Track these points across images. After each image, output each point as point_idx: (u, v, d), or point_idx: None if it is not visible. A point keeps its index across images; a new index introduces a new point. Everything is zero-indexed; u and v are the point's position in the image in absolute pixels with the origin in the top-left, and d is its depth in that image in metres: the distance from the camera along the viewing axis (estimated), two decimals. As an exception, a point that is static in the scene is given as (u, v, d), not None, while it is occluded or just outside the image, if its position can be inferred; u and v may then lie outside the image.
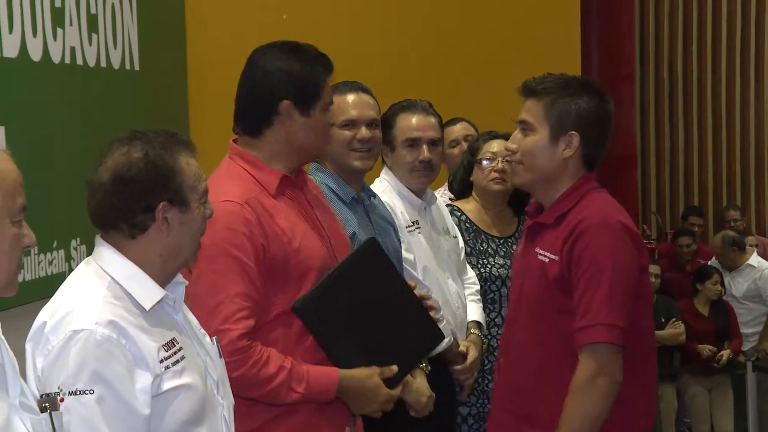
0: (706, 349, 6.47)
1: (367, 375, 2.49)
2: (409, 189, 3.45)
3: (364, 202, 3.17)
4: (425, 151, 3.41)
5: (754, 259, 7.12)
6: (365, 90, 3.19)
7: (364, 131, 3.09)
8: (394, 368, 2.54)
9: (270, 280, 2.43)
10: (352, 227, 3.02)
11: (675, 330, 6.40)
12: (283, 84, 2.52)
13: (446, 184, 4.31)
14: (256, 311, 2.41)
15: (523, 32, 6.09)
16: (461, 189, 3.92)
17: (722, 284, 6.74)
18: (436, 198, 3.63)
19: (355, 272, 2.54)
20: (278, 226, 2.46)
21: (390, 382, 2.54)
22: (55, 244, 3.37)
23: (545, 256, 2.58)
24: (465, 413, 3.64)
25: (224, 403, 2.07)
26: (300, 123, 2.53)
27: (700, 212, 8.52)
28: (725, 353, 6.42)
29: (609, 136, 2.67)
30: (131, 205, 1.94)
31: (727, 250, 7.24)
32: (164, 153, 1.96)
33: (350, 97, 3.12)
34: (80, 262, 2.08)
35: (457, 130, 4.38)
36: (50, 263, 3.33)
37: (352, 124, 3.09)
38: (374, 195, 3.27)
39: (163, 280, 2.00)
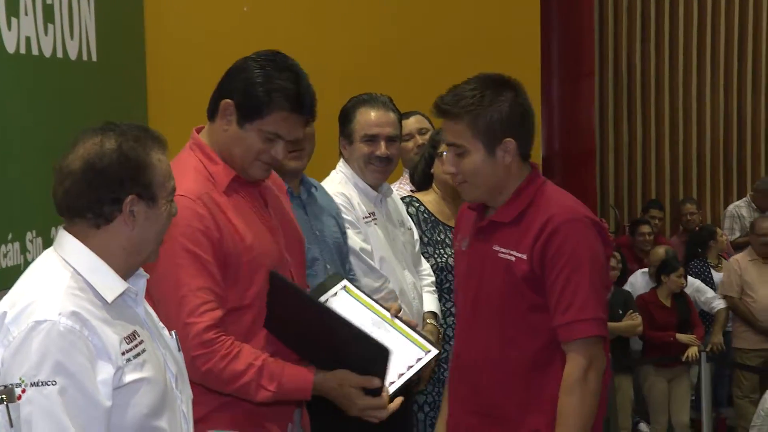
0: (686, 339, 6.55)
1: (339, 383, 2.43)
2: (364, 182, 3.47)
3: (301, 196, 3.17)
4: (383, 147, 3.45)
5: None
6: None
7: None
8: (376, 381, 2.44)
9: (223, 275, 2.43)
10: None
11: (632, 321, 6.47)
12: (236, 86, 2.50)
13: (402, 177, 4.33)
14: (221, 303, 2.41)
15: (483, 28, 6.11)
16: (422, 181, 3.95)
17: (685, 278, 6.83)
18: (392, 191, 3.66)
19: (271, 308, 2.49)
20: (230, 222, 2.46)
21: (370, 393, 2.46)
22: (10, 237, 3.33)
23: (509, 254, 2.57)
24: (421, 401, 3.68)
25: (182, 397, 2.08)
26: (232, 128, 2.51)
27: (660, 206, 8.65)
28: (692, 350, 6.50)
29: (534, 123, 2.67)
30: (99, 195, 1.94)
31: None
32: (137, 147, 1.96)
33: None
34: (36, 254, 2.07)
35: (411, 123, 4.39)
36: (5, 256, 3.28)
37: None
38: (315, 187, 3.28)
39: (125, 274, 2.00)
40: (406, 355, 2.51)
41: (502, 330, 2.60)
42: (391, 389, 2.44)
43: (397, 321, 2.64)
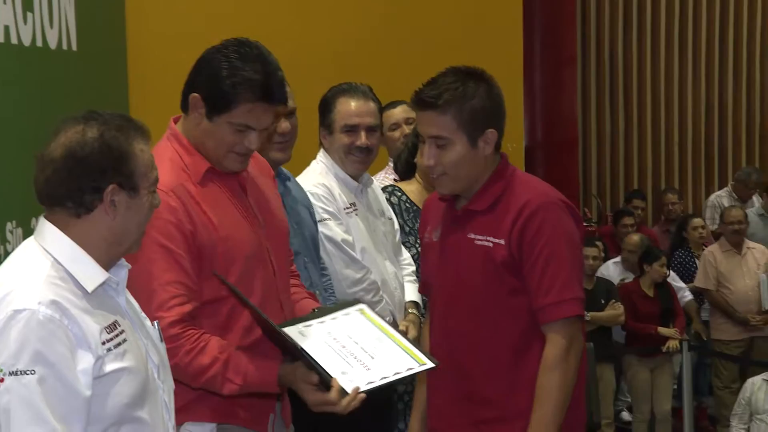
0: (668, 332, 6.57)
1: (295, 378, 2.40)
2: (345, 172, 3.46)
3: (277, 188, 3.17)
4: (363, 137, 3.43)
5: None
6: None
7: (284, 125, 3.10)
8: (314, 377, 2.40)
9: (198, 267, 2.42)
10: None
11: (614, 311, 6.49)
12: (203, 80, 2.48)
13: (387, 167, 4.32)
14: (192, 296, 2.39)
15: (465, 16, 6.10)
16: (405, 170, 3.94)
17: (668, 267, 6.85)
18: (372, 181, 3.65)
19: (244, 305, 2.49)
20: (204, 214, 2.45)
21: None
22: (-10, 228, 3.30)
23: (487, 241, 2.59)
24: (401, 390, 3.67)
25: (164, 387, 2.07)
26: (204, 122, 2.49)
27: (642, 196, 8.68)
28: (673, 343, 6.52)
29: (506, 112, 2.69)
30: (80, 184, 1.92)
31: None
32: (120, 136, 1.95)
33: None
34: (15, 245, 2.05)
35: (398, 113, 4.38)
36: (-15, 247, 3.26)
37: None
38: (289, 179, 3.26)
39: (106, 264, 1.99)
40: (397, 364, 2.48)
41: (482, 316, 2.62)
42: (366, 387, 2.40)
43: (402, 339, 2.59)
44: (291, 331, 2.46)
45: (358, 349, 2.49)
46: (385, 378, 2.46)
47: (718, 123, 9.58)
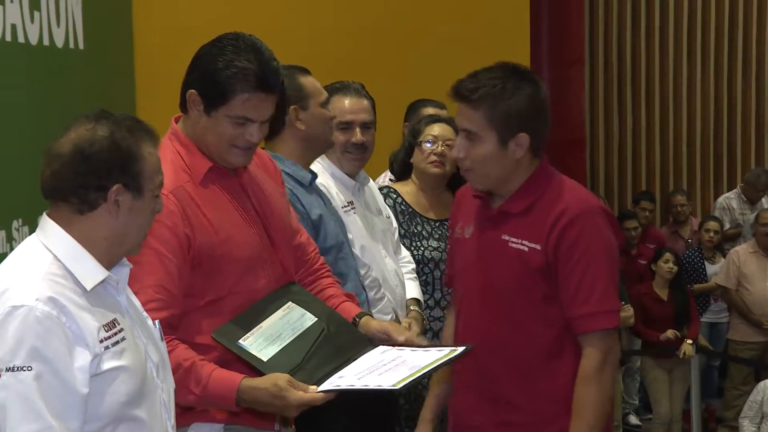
0: (668, 335, 6.53)
1: (272, 382, 2.31)
2: (342, 171, 3.48)
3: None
4: (358, 134, 3.46)
5: None
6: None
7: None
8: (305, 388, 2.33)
9: (198, 269, 2.41)
10: (318, 210, 3.06)
11: (624, 313, 6.47)
12: (198, 75, 2.47)
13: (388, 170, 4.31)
14: (171, 304, 2.36)
15: (472, 14, 6.08)
16: (401, 170, 3.94)
17: (675, 263, 6.77)
18: (368, 179, 3.67)
19: None
20: (204, 216, 2.44)
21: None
22: (-5, 226, 3.31)
23: (522, 245, 2.56)
24: (403, 401, 3.65)
25: (164, 387, 2.07)
26: (203, 118, 2.48)
27: (651, 197, 8.62)
28: (687, 348, 6.47)
29: (549, 118, 2.65)
30: (86, 181, 1.93)
31: None
32: (129, 137, 1.96)
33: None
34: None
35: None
36: (-9, 244, 3.26)
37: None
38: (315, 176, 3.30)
39: (107, 264, 1.99)
40: (429, 357, 2.42)
41: (514, 319, 2.59)
42: (331, 387, 2.34)
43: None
44: (329, 384, 2.37)
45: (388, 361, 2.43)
46: (418, 368, 2.37)
47: (727, 123, 9.53)
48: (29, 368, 1.83)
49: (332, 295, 2.71)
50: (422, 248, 3.75)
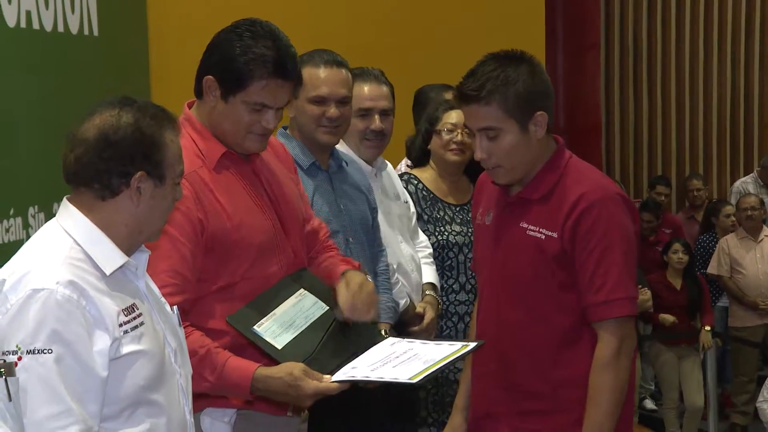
0: (668, 320, 6.53)
1: (287, 372, 2.32)
2: (359, 157, 3.46)
3: (329, 170, 3.18)
4: (377, 121, 3.43)
5: None
6: (340, 63, 3.15)
7: (333, 110, 3.10)
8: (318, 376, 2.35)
9: (211, 254, 2.42)
10: (308, 193, 3.03)
11: (641, 296, 6.46)
12: (216, 61, 2.47)
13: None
14: (185, 288, 2.37)
15: (487, 1, 6.06)
16: (419, 157, 3.92)
17: (685, 253, 6.77)
18: (386, 164, 3.65)
19: None
20: (218, 201, 2.44)
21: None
22: (12, 212, 3.32)
23: (539, 232, 2.55)
24: (423, 395, 3.66)
25: (182, 372, 2.08)
26: (219, 104, 2.48)
27: (667, 181, 8.59)
28: (705, 338, 6.45)
29: (552, 89, 2.64)
30: (109, 167, 1.94)
31: None
32: (153, 124, 1.97)
33: (322, 72, 3.11)
34: (38, 230, 2.06)
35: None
36: (7, 231, 3.27)
37: (321, 101, 3.10)
38: (346, 162, 3.27)
39: (126, 250, 2.00)
40: (443, 351, 2.42)
41: (531, 307, 2.58)
42: (345, 378, 2.35)
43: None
44: (341, 374, 2.38)
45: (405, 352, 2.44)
46: (433, 361, 2.38)
47: (743, 108, 9.48)
48: (50, 351, 1.84)
49: (330, 263, 2.69)
50: (446, 233, 3.74)
